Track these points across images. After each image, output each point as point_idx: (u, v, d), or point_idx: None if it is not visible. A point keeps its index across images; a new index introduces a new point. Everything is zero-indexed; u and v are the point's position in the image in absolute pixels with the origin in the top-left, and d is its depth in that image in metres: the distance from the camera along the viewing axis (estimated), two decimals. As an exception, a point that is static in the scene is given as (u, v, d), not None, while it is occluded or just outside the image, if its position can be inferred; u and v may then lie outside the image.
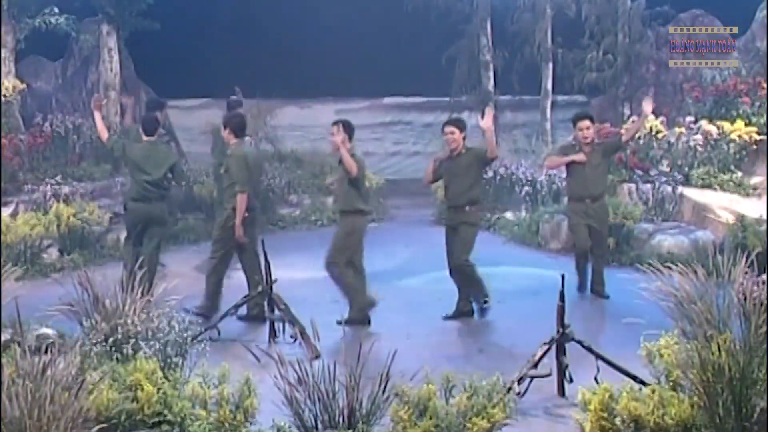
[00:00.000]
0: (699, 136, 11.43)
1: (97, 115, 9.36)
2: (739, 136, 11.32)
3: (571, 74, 14.26)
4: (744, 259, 6.07)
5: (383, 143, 17.63)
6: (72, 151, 12.86)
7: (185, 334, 6.42)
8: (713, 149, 11.40)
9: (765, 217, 9.34)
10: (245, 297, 8.05)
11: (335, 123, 8.29)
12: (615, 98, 14.08)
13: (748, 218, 9.57)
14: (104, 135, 9.28)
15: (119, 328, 6.44)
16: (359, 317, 8.12)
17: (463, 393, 5.64)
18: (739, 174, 11.19)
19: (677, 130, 11.66)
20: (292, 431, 5.53)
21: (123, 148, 9.10)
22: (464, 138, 8.35)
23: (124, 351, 6.33)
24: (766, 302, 5.59)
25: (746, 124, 11.47)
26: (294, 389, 5.46)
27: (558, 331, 6.41)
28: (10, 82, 12.98)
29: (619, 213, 10.23)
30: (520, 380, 6.23)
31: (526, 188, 11.85)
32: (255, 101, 14.24)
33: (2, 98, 12.54)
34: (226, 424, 5.58)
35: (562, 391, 6.41)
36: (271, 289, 7.66)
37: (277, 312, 7.62)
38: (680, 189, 10.88)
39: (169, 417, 5.65)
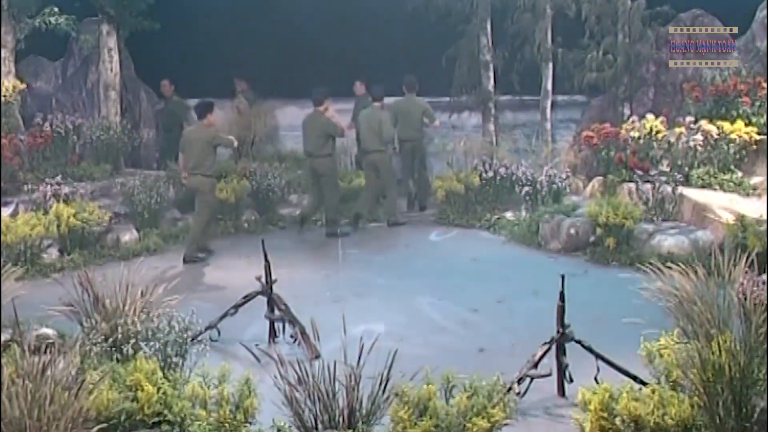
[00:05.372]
0: (699, 136, 11.41)
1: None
2: (739, 136, 11.32)
3: (571, 74, 14.23)
4: (744, 259, 6.08)
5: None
6: (72, 151, 12.82)
7: (185, 334, 6.43)
8: (713, 149, 11.38)
9: (765, 217, 9.32)
10: (245, 297, 8.04)
11: None
12: (615, 98, 14.05)
13: (748, 218, 9.55)
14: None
15: (119, 328, 6.46)
16: None
17: (463, 393, 5.65)
18: (739, 174, 11.18)
19: (677, 130, 11.64)
20: (292, 431, 5.54)
21: None
22: None
23: (124, 351, 6.35)
24: (766, 302, 5.60)
25: (746, 124, 11.46)
26: (294, 389, 5.46)
27: (558, 331, 6.41)
28: (10, 82, 12.95)
29: (619, 213, 10.23)
30: (520, 380, 6.24)
31: (526, 188, 11.81)
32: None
33: (2, 98, 12.53)
34: (226, 424, 5.59)
35: (562, 391, 6.42)
36: (271, 289, 7.66)
37: (277, 312, 7.62)
38: (680, 189, 10.87)
39: (169, 417, 5.66)
